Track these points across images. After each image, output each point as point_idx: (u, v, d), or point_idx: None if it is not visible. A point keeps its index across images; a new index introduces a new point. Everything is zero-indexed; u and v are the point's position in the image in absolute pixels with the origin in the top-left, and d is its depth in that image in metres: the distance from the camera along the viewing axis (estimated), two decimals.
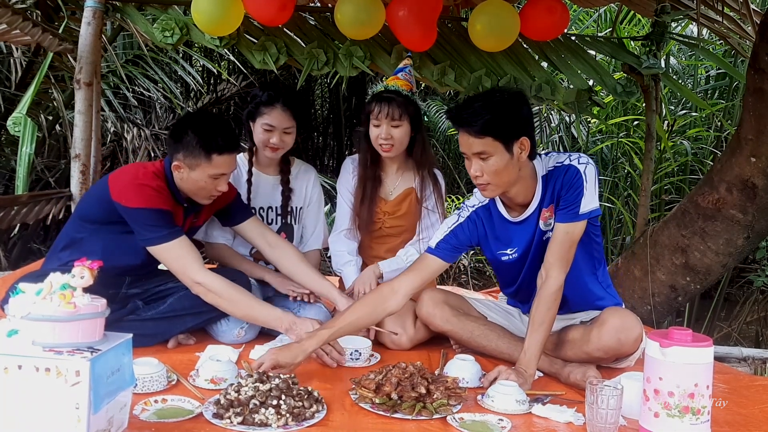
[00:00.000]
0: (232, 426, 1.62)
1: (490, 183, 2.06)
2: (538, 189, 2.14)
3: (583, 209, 2.07)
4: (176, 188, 2.27)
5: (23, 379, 1.37)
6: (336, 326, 2.09)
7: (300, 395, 1.73)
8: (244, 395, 1.69)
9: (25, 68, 4.86)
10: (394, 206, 2.72)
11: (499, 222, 2.25)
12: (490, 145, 1.99)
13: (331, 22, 3.35)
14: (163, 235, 2.15)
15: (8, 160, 5.20)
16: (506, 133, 2.00)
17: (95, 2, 3.18)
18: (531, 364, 2.04)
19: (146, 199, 2.15)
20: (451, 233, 2.26)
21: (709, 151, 5.65)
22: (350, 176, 2.76)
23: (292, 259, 2.50)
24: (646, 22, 5.71)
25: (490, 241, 2.27)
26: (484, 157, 2.01)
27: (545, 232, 2.16)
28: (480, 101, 2.01)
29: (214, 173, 2.20)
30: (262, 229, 2.53)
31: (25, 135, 3.49)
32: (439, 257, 2.25)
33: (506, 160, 2.02)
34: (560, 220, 2.09)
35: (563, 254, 2.08)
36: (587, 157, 2.12)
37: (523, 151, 2.04)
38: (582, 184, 2.07)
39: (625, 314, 2.14)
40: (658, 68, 3.68)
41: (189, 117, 2.33)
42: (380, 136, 2.59)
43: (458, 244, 2.26)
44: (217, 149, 2.17)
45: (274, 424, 1.63)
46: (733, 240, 3.44)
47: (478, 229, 2.27)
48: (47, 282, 1.45)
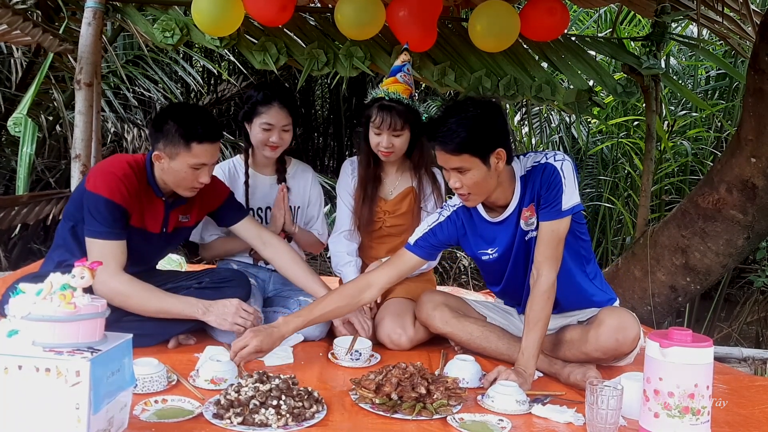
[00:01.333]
0: (232, 426, 1.62)
1: (471, 193, 2.10)
2: (517, 189, 2.16)
3: (565, 205, 2.08)
4: (155, 181, 2.25)
5: (23, 380, 1.37)
6: (311, 314, 2.17)
7: (300, 395, 1.73)
8: (244, 395, 1.69)
9: (26, 69, 4.86)
10: (394, 205, 2.72)
11: (479, 222, 2.26)
12: (467, 161, 2.02)
13: (332, 22, 3.35)
14: (100, 231, 2.13)
15: (9, 161, 5.20)
16: (482, 149, 2.02)
17: (95, 3, 3.18)
18: (530, 363, 2.05)
19: (105, 186, 2.13)
20: (430, 231, 2.29)
21: (709, 152, 5.65)
22: (349, 178, 2.76)
23: (286, 257, 2.49)
24: (646, 23, 5.71)
25: (470, 240, 2.29)
26: (462, 171, 2.05)
27: (527, 231, 2.18)
28: (454, 117, 2.01)
29: (194, 163, 2.17)
30: (257, 229, 2.52)
31: (25, 135, 3.49)
32: (417, 254, 2.28)
33: (484, 172, 2.05)
34: (544, 218, 2.11)
35: (551, 252, 2.10)
36: (563, 154, 2.14)
37: (500, 161, 2.06)
38: (560, 181, 2.08)
39: (622, 314, 2.15)
40: (658, 69, 3.68)
41: (170, 107, 2.31)
42: (381, 144, 2.59)
43: (436, 242, 2.29)
44: (197, 138, 2.14)
45: (274, 425, 1.63)
46: (733, 240, 3.44)
47: (458, 228, 2.28)
48: (47, 282, 1.45)
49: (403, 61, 2.69)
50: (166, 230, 2.35)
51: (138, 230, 2.25)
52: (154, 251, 2.43)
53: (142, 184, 2.24)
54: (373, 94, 2.65)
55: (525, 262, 2.22)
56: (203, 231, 2.71)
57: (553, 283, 2.10)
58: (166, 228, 2.34)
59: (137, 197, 2.21)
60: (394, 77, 2.65)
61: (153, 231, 2.31)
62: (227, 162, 2.81)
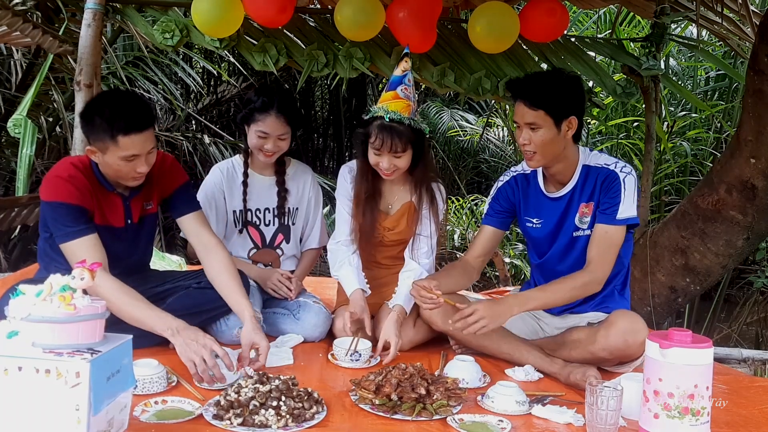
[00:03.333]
0: (232, 427, 1.62)
1: (536, 153, 2.21)
2: (577, 173, 2.29)
3: (621, 215, 2.19)
4: (103, 176, 2.20)
5: (23, 381, 1.37)
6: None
7: (300, 396, 1.74)
8: (244, 396, 1.69)
9: (26, 70, 4.87)
10: (393, 222, 2.62)
11: (534, 192, 2.40)
12: (542, 118, 2.16)
13: (331, 23, 3.35)
14: (67, 233, 2.09)
15: (8, 162, 5.20)
16: (558, 110, 2.16)
17: (95, 4, 3.18)
18: (517, 301, 2.17)
19: (54, 191, 2.11)
20: (494, 198, 2.47)
21: (709, 153, 5.65)
22: (348, 185, 2.65)
23: (218, 266, 2.26)
24: (645, 24, 5.72)
25: (521, 207, 2.43)
26: (534, 128, 2.17)
27: (578, 227, 2.29)
28: (541, 77, 2.25)
29: (124, 155, 2.07)
30: (200, 227, 2.34)
31: (25, 136, 3.50)
32: (491, 225, 2.46)
33: (553, 135, 2.18)
34: (600, 220, 2.23)
35: (601, 253, 2.20)
36: (630, 168, 2.26)
37: (570, 130, 2.20)
38: (620, 190, 2.21)
39: (633, 317, 2.15)
40: (658, 69, 3.68)
41: (97, 98, 2.22)
42: (382, 166, 2.47)
43: (501, 208, 2.45)
44: (121, 131, 2.05)
45: (275, 425, 1.63)
46: (732, 241, 3.45)
47: (516, 192, 2.43)
48: (47, 283, 1.45)
49: (404, 70, 2.49)
50: (132, 221, 2.29)
51: (103, 228, 2.20)
52: (127, 246, 2.34)
53: (92, 181, 2.18)
54: (372, 110, 2.48)
55: (563, 255, 2.32)
56: None
57: (593, 281, 2.18)
58: (131, 219, 2.29)
59: (90, 194, 2.16)
60: (394, 91, 2.46)
61: (118, 225, 2.26)
62: (226, 162, 2.80)
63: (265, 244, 2.76)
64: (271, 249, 2.77)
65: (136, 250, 2.38)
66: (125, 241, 2.31)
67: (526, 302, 2.18)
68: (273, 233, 2.76)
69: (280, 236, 2.77)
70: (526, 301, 2.19)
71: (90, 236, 2.11)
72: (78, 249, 2.07)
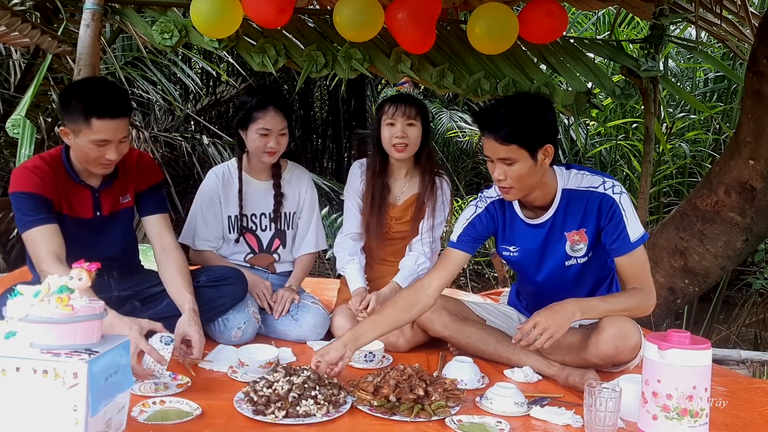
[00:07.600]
0: (278, 420, 1.66)
1: (513, 187, 2.09)
2: (557, 198, 2.17)
3: (633, 237, 2.09)
4: (72, 167, 2.21)
5: (21, 381, 1.37)
6: (379, 329, 2.10)
7: (331, 383, 1.81)
8: (282, 390, 1.73)
9: (24, 70, 4.86)
10: (401, 212, 2.75)
11: (510, 219, 2.28)
12: (515, 152, 2.02)
13: (330, 24, 3.34)
14: (25, 222, 2.10)
15: (7, 162, 5.19)
16: (532, 141, 2.02)
17: (94, 4, 3.18)
18: (579, 307, 2.03)
19: (18, 182, 2.12)
20: (470, 225, 2.29)
21: (708, 154, 5.66)
22: (358, 181, 2.79)
23: (172, 268, 2.28)
24: (644, 25, 5.72)
25: (500, 234, 2.33)
26: (508, 162, 2.04)
27: (570, 256, 2.20)
28: (506, 107, 2.04)
29: (96, 139, 2.08)
30: (164, 230, 2.36)
31: (24, 137, 3.48)
32: (462, 250, 2.27)
33: (530, 166, 2.04)
34: (619, 253, 2.11)
35: (640, 278, 2.12)
36: (620, 185, 2.15)
37: (546, 158, 2.07)
38: (621, 215, 2.10)
39: (623, 322, 2.11)
40: (657, 71, 3.68)
41: (78, 82, 2.24)
42: (395, 135, 2.63)
43: (477, 235, 2.29)
44: (96, 113, 2.06)
45: (318, 414, 1.69)
46: (731, 242, 3.45)
47: (496, 220, 2.30)
48: (45, 284, 1.45)
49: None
50: (101, 213, 2.29)
51: (71, 219, 2.21)
52: (97, 238, 2.32)
53: (58, 172, 2.19)
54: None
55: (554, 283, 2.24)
56: (195, 237, 2.67)
57: (646, 299, 2.10)
58: (100, 211, 2.28)
59: (54, 184, 2.16)
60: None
61: (86, 216, 2.26)
62: (221, 166, 2.78)
63: (262, 249, 2.75)
64: (267, 254, 2.76)
65: (112, 243, 2.35)
66: (96, 233, 2.30)
67: (588, 309, 2.05)
68: (270, 238, 2.75)
69: (277, 241, 2.76)
70: (589, 308, 2.05)
71: (49, 225, 2.11)
72: (37, 237, 2.08)
